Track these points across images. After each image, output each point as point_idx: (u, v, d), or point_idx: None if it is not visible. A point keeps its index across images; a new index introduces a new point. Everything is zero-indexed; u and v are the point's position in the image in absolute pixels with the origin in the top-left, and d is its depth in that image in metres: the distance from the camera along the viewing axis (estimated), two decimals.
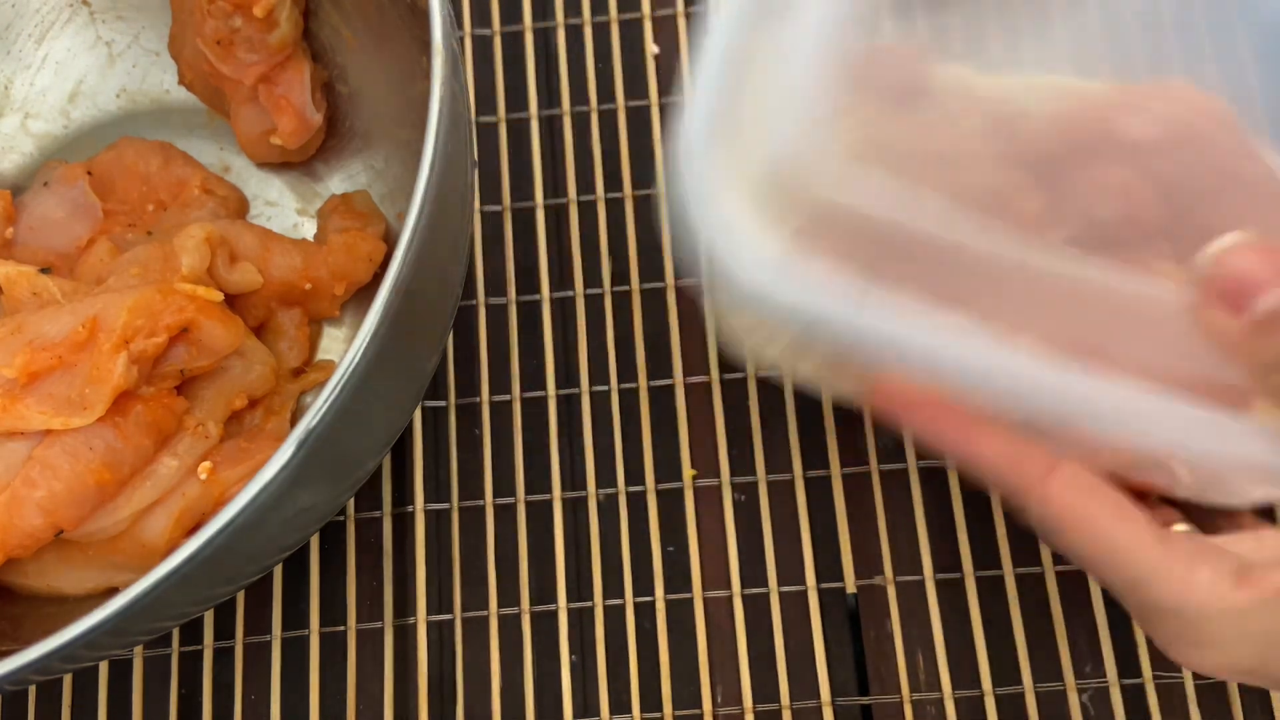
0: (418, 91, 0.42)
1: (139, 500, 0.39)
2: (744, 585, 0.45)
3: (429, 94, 0.33)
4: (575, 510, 0.46)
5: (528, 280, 0.49)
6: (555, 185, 0.51)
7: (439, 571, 0.46)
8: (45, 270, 0.42)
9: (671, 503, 0.46)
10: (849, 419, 0.46)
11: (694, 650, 0.44)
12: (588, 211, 0.50)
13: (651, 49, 0.52)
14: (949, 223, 0.29)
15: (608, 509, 0.46)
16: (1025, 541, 0.44)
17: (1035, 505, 0.32)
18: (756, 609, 0.45)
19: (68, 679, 0.45)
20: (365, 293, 0.46)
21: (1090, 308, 0.30)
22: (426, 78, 0.34)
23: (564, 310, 0.49)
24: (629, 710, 0.44)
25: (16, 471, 0.37)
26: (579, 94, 0.52)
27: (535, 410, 0.48)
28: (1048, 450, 0.32)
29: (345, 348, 0.38)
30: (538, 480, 0.47)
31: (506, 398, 0.48)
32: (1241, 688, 0.42)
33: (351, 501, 0.47)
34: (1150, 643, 0.43)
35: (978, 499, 0.45)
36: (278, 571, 0.46)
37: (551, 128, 0.52)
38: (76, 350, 0.38)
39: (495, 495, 0.47)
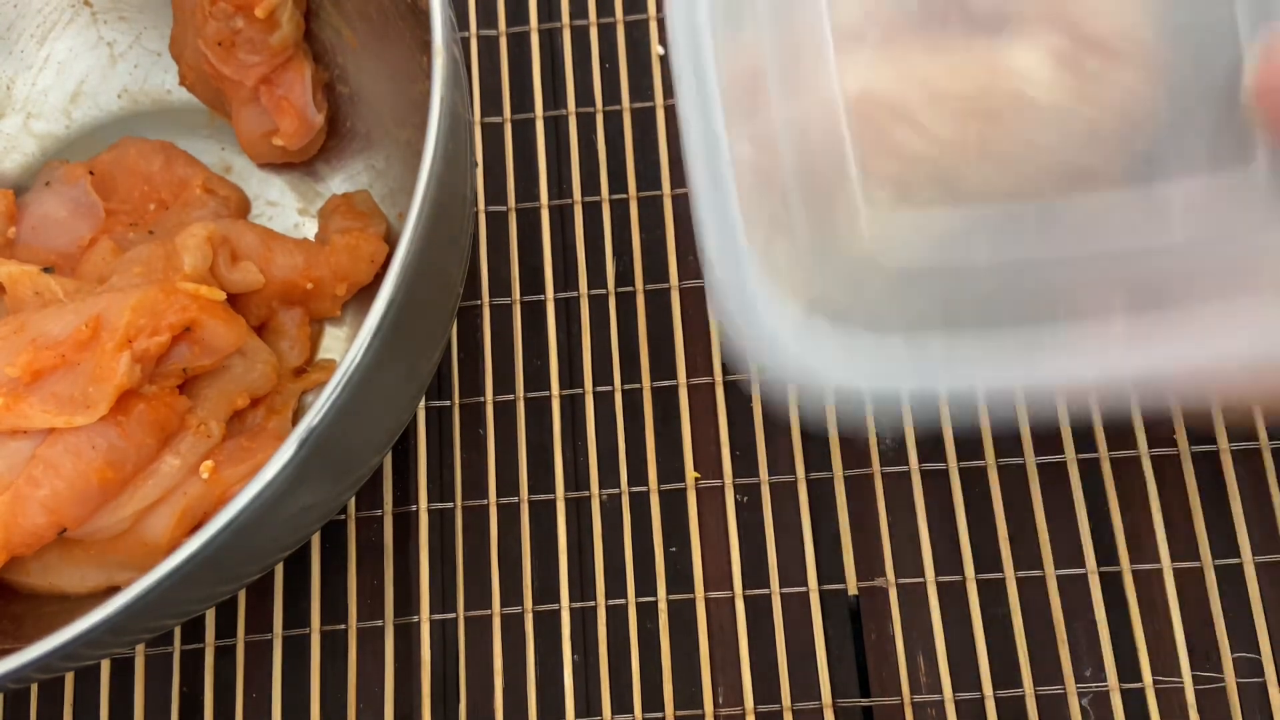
0: (418, 92, 0.42)
1: (141, 499, 0.39)
2: (746, 586, 0.45)
3: (429, 94, 0.33)
4: (578, 510, 0.46)
5: (532, 280, 0.49)
6: (560, 186, 0.51)
7: (442, 570, 0.46)
8: (48, 269, 0.42)
9: (674, 503, 0.46)
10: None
11: (696, 651, 0.44)
12: (592, 212, 0.50)
13: (657, 50, 0.52)
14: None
15: (611, 509, 0.46)
16: (1026, 545, 0.44)
17: None
18: (758, 610, 0.45)
19: (70, 677, 0.46)
20: (366, 292, 0.46)
21: None
22: (427, 78, 0.34)
23: (568, 311, 0.49)
24: (631, 710, 0.44)
25: (20, 470, 0.38)
26: (584, 95, 0.52)
27: (539, 410, 0.48)
28: None
29: (346, 347, 0.38)
30: (541, 480, 0.47)
31: (510, 398, 0.48)
32: (1241, 691, 0.42)
33: (353, 501, 0.47)
34: (1150, 647, 0.43)
35: (979, 501, 0.45)
36: (279, 570, 0.46)
37: (557, 128, 0.52)
38: (79, 349, 0.38)
39: (499, 495, 0.47)
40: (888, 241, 0.30)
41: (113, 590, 0.37)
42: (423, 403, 0.48)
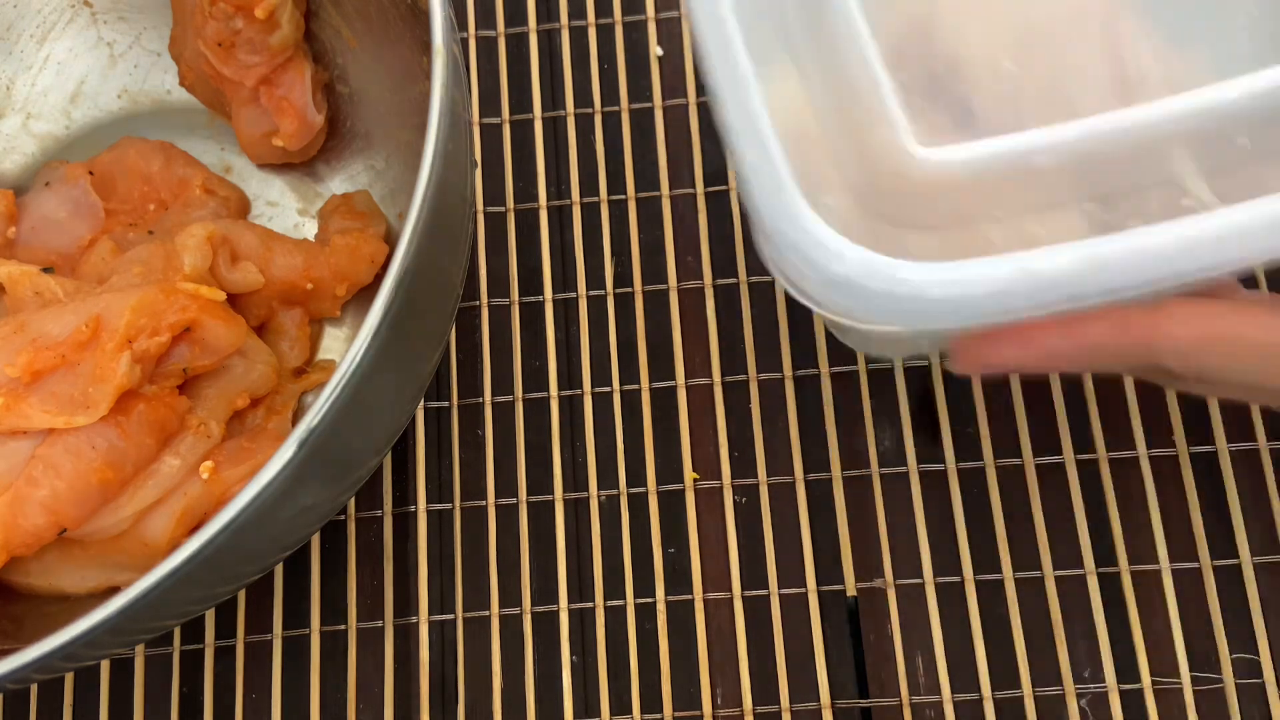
0: (418, 92, 0.42)
1: (141, 499, 0.39)
2: (744, 587, 0.45)
3: (429, 95, 0.33)
4: (577, 511, 0.46)
5: (531, 281, 0.49)
6: (559, 187, 0.51)
7: (441, 571, 0.46)
8: (47, 270, 0.42)
9: (673, 504, 0.46)
10: (849, 421, 0.46)
11: (694, 652, 0.44)
12: (591, 213, 0.50)
13: (655, 51, 0.52)
14: None
15: (609, 510, 0.46)
16: (1025, 545, 0.44)
17: (1169, 355, 0.31)
18: (757, 611, 0.45)
19: (69, 677, 0.46)
20: (366, 293, 0.47)
21: None
22: (427, 79, 0.34)
23: (567, 312, 0.49)
24: (629, 711, 0.44)
25: (20, 471, 0.37)
26: (583, 96, 0.52)
27: (538, 411, 0.48)
28: (1141, 305, 0.31)
29: (346, 347, 0.38)
30: (540, 481, 0.47)
31: (509, 398, 0.48)
32: (1240, 692, 0.42)
33: (352, 501, 0.47)
34: (1149, 648, 0.43)
35: (978, 502, 0.45)
36: (279, 570, 0.46)
37: (555, 129, 0.52)
38: (79, 349, 0.38)
39: (497, 496, 0.47)
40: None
41: (113, 590, 0.37)
42: (421, 404, 0.48)
